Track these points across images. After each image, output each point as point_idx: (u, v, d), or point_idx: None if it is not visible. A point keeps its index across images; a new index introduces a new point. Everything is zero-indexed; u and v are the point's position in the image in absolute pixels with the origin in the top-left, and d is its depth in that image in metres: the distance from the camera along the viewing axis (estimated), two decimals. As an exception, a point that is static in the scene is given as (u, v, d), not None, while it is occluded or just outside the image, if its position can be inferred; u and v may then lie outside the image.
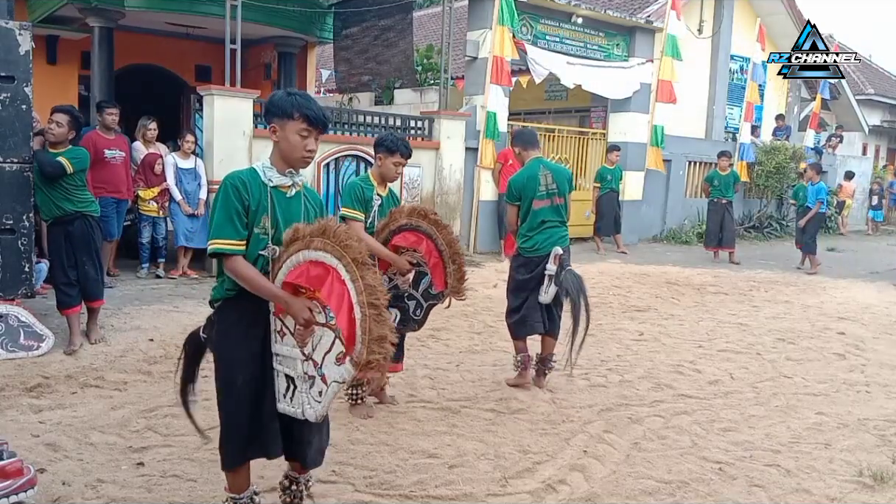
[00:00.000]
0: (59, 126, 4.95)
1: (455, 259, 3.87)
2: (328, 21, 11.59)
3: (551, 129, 12.51)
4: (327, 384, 2.35)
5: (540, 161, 4.79)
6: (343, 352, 2.30)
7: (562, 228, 4.73)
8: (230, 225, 2.43)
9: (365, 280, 2.26)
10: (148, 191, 7.48)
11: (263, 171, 2.54)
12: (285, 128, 2.52)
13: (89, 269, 5.12)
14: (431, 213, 3.88)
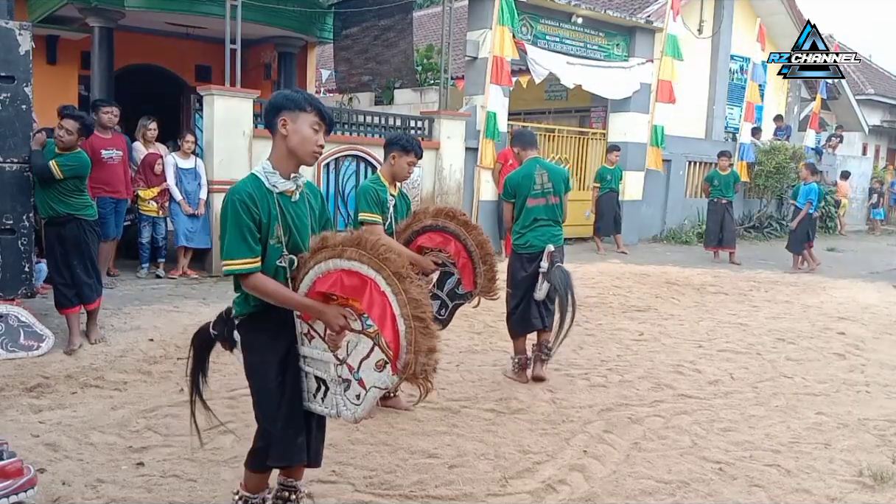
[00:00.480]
0: (70, 134, 4.93)
1: (486, 259, 3.86)
2: (328, 21, 11.59)
3: (551, 129, 12.51)
4: (366, 388, 2.40)
5: (537, 161, 4.91)
6: (384, 359, 2.35)
7: (555, 227, 4.84)
8: (243, 243, 2.36)
9: (409, 293, 2.28)
10: (148, 191, 7.47)
11: (266, 178, 2.45)
12: (297, 120, 2.45)
13: (81, 273, 5.07)
14: (460, 214, 3.87)
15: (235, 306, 2.57)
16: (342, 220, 8.98)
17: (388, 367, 2.33)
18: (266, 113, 2.52)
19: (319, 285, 2.40)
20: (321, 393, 2.51)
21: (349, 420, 2.50)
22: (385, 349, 2.34)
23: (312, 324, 2.48)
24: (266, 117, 2.53)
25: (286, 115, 2.45)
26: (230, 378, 4.55)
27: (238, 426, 3.78)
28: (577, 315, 5.93)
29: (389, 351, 2.32)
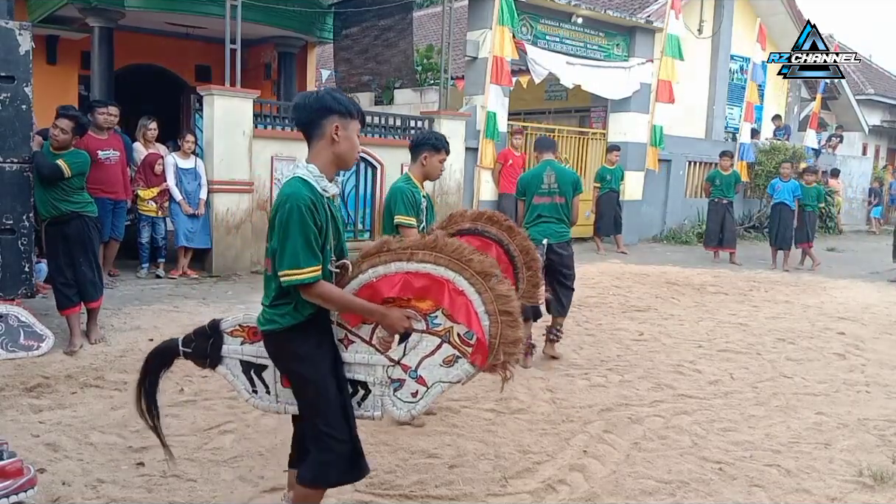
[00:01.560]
0: (64, 133, 4.94)
1: (530, 265, 3.81)
2: (328, 21, 11.58)
3: (551, 129, 12.51)
4: (428, 385, 2.51)
5: (548, 163, 5.29)
6: (455, 354, 2.48)
7: (557, 224, 5.17)
8: (310, 251, 2.27)
9: (495, 291, 2.42)
10: (147, 191, 7.47)
11: (317, 182, 2.35)
12: (348, 127, 2.40)
13: (86, 270, 5.10)
14: (503, 219, 3.80)
15: (278, 318, 2.40)
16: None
17: (461, 361, 2.48)
18: (311, 112, 2.38)
19: (387, 289, 2.44)
20: (357, 397, 2.56)
21: (402, 417, 2.60)
22: (458, 345, 2.46)
23: (356, 329, 2.51)
24: (310, 117, 2.38)
25: (338, 120, 2.38)
26: (230, 378, 4.55)
27: (238, 426, 3.79)
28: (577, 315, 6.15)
29: (465, 347, 2.45)
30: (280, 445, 3.55)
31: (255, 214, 8.17)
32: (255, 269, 8.18)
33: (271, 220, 2.35)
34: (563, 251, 5.19)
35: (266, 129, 8.25)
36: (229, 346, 2.67)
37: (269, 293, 2.43)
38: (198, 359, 2.68)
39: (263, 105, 8.43)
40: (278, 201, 2.31)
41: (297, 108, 2.44)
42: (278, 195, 2.35)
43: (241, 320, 2.65)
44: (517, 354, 2.46)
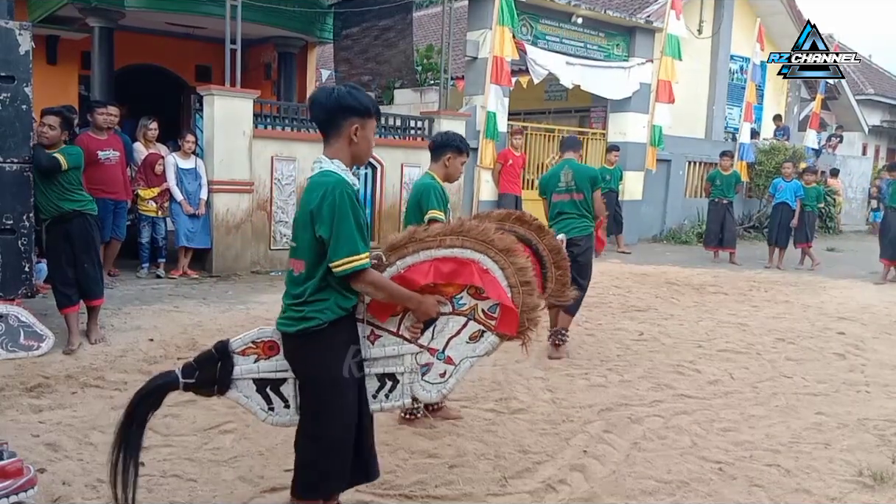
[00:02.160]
0: (52, 129, 4.93)
1: (560, 264, 3.80)
2: (328, 21, 11.59)
3: (551, 129, 12.52)
4: (455, 363, 2.65)
5: (567, 161, 5.50)
6: (480, 329, 2.65)
7: (577, 220, 5.36)
8: (361, 237, 2.29)
9: (516, 264, 2.64)
10: (148, 191, 7.48)
11: (346, 175, 2.38)
12: (366, 126, 2.42)
13: (89, 268, 5.12)
14: (532, 219, 3.80)
15: (317, 314, 2.35)
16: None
17: (487, 335, 2.67)
18: (330, 112, 2.39)
19: (412, 277, 2.53)
20: (385, 390, 2.60)
21: (433, 399, 2.72)
22: (483, 320, 2.64)
23: (382, 323, 2.55)
24: (329, 116, 2.39)
25: (358, 121, 2.40)
26: (230, 378, 4.55)
27: (238, 426, 3.79)
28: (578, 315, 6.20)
29: (490, 321, 2.64)
30: (280, 445, 3.55)
31: (256, 214, 8.17)
32: (254, 270, 8.18)
33: (312, 214, 2.29)
34: (580, 243, 5.33)
35: (266, 129, 8.25)
36: (242, 367, 2.50)
37: (302, 290, 2.36)
38: (203, 388, 2.49)
39: (263, 105, 8.43)
40: (322, 191, 2.29)
41: (316, 105, 2.42)
42: (316, 187, 2.32)
43: (254, 336, 2.52)
44: (538, 319, 2.70)
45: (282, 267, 8.38)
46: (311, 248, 2.33)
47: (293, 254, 2.41)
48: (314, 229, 2.30)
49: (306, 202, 2.34)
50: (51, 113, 5.00)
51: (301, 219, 2.36)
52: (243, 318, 6.04)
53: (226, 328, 5.68)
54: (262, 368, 2.52)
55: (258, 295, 7.05)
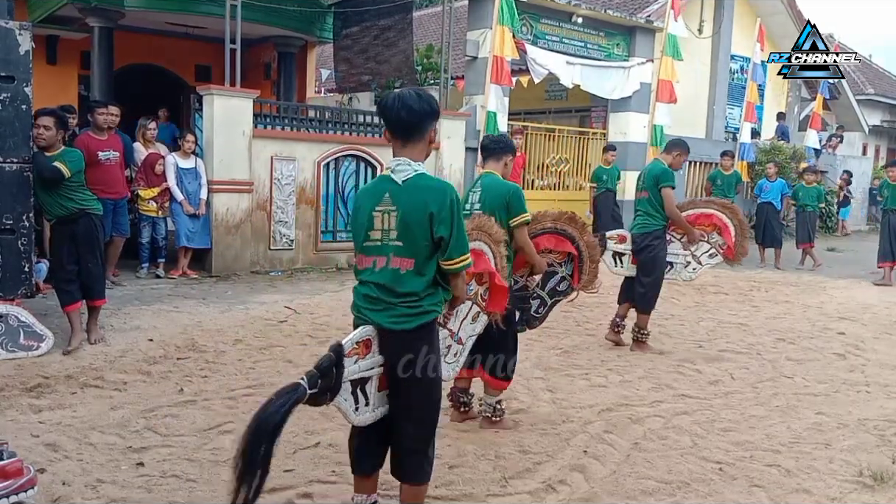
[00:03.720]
0: (48, 129, 4.91)
1: (593, 258, 4.47)
2: (328, 21, 11.59)
3: (551, 129, 12.51)
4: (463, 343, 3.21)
5: (652, 161, 6.04)
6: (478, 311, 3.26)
7: (642, 217, 5.65)
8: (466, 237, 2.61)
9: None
10: (148, 191, 7.47)
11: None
12: (437, 128, 2.65)
13: (93, 267, 5.14)
14: (578, 218, 4.44)
15: (434, 307, 2.52)
16: (342, 220, 8.98)
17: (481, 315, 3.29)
18: (421, 116, 2.49)
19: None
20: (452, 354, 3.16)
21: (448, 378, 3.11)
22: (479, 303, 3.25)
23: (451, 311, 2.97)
24: (419, 120, 2.50)
25: (435, 124, 2.58)
26: (230, 378, 4.55)
27: (238, 426, 3.78)
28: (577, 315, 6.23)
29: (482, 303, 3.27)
30: (280, 445, 3.53)
31: (255, 214, 8.17)
32: (254, 270, 8.18)
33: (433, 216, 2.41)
34: (638, 241, 5.62)
35: (266, 128, 8.25)
36: (348, 369, 2.46)
37: (416, 287, 2.46)
38: (321, 396, 2.36)
39: (263, 105, 8.43)
40: (442, 195, 2.44)
41: (407, 110, 2.46)
42: (431, 190, 2.46)
43: (357, 337, 2.48)
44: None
45: (281, 267, 8.39)
46: (425, 247, 2.45)
47: (398, 252, 2.46)
48: (432, 230, 2.43)
49: (422, 203, 2.43)
50: (45, 114, 4.98)
51: (414, 219, 2.43)
52: (243, 318, 6.04)
53: (225, 328, 5.68)
54: (361, 368, 2.51)
55: (258, 295, 7.05)
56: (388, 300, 2.47)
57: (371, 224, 2.49)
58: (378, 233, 2.48)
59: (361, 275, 2.55)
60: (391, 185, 2.47)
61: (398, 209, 2.43)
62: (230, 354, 5.04)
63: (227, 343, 5.30)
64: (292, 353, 5.14)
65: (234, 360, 4.93)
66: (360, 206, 2.56)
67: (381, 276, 2.48)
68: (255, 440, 2.16)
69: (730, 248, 5.75)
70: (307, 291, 7.36)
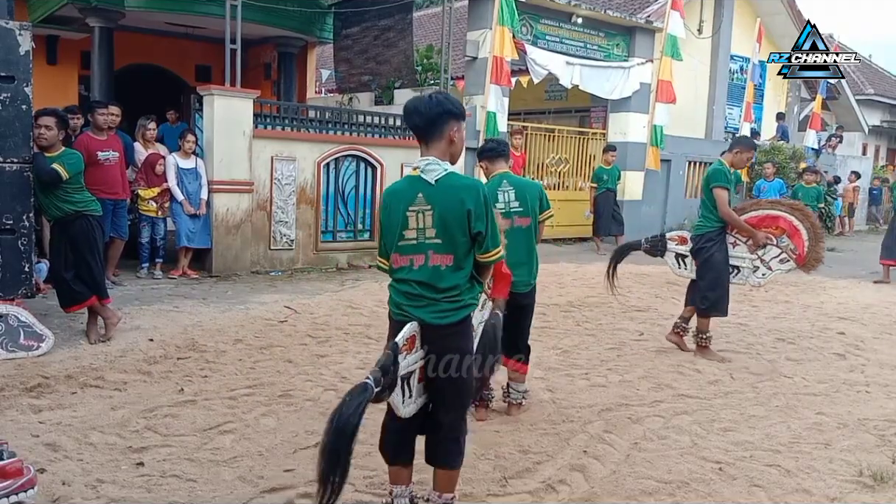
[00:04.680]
0: (49, 129, 4.93)
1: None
2: (328, 21, 11.59)
3: (551, 129, 12.52)
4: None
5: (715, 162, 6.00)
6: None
7: (699, 218, 5.71)
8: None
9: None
10: (148, 191, 7.47)
11: None
12: (461, 128, 2.64)
13: (94, 268, 5.17)
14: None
15: (473, 300, 2.66)
16: (342, 220, 8.98)
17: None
18: (430, 117, 2.56)
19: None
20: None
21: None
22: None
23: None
24: (430, 121, 2.57)
25: (455, 123, 2.61)
26: (230, 378, 4.55)
27: (238, 426, 3.78)
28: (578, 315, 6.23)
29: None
30: (280, 445, 3.55)
31: (255, 214, 8.17)
32: (254, 270, 8.18)
33: (471, 212, 2.51)
34: (693, 242, 5.69)
35: (266, 129, 8.24)
36: (401, 364, 2.52)
37: (457, 282, 2.57)
38: (383, 393, 2.40)
39: (263, 105, 8.43)
40: (475, 192, 2.53)
41: (415, 114, 2.58)
42: (463, 188, 2.53)
43: (408, 333, 2.55)
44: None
45: (281, 267, 8.39)
46: (463, 243, 2.55)
47: (437, 249, 2.55)
48: (470, 226, 2.53)
49: (458, 201, 2.51)
50: (46, 114, 4.99)
51: (453, 216, 2.52)
52: (243, 318, 6.04)
53: (225, 328, 5.68)
54: (409, 363, 2.57)
55: (258, 295, 7.05)
56: (430, 296, 2.56)
57: (406, 224, 2.55)
58: (413, 232, 2.55)
59: (398, 273, 2.62)
60: (423, 185, 2.54)
61: (434, 208, 2.51)
62: (230, 354, 5.04)
63: (227, 343, 5.30)
64: (292, 353, 5.14)
65: (234, 360, 4.93)
66: (390, 206, 2.61)
67: (421, 273, 2.57)
68: (337, 443, 2.20)
69: (800, 254, 5.50)
70: (307, 291, 7.36)
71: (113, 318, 5.31)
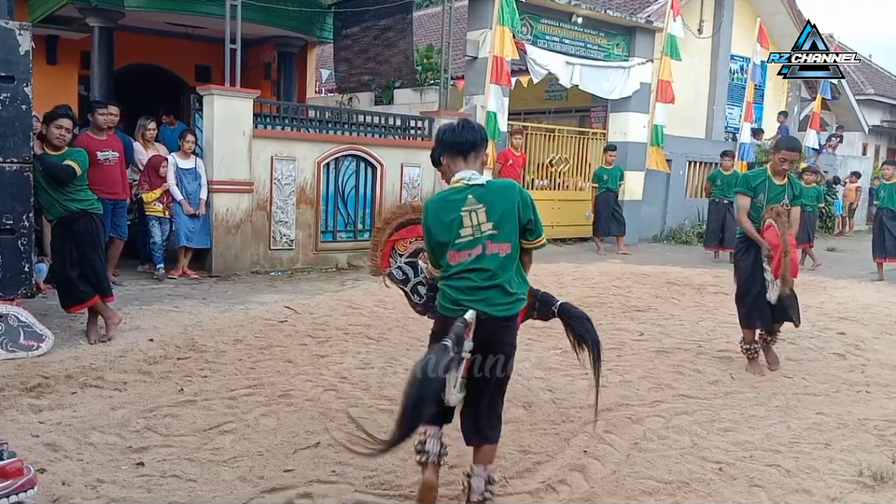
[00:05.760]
0: (69, 132, 5.07)
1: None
2: (328, 21, 11.59)
3: (551, 129, 12.52)
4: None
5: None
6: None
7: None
8: None
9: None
10: (150, 193, 7.47)
11: None
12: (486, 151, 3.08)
13: (98, 266, 5.20)
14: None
15: (522, 296, 2.88)
16: (342, 220, 8.98)
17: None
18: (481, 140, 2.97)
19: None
20: None
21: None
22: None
23: None
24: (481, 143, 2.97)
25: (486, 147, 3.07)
26: (230, 378, 4.55)
27: (238, 426, 3.78)
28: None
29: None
30: (280, 445, 3.55)
31: (255, 214, 8.17)
32: (254, 270, 8.18)
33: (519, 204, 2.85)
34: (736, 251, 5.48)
35: (266, 128, 8.25)
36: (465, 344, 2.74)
37: (516, 267, 2.88)
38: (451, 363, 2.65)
39: (263, 105, 8.43)
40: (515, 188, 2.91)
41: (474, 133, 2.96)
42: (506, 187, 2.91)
43: (469, 319, 2.74)
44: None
45: (281, 267, 8.39)
46: (516, 231, 2.85)
47: (494, 239, 2.81)
48: (520, 216, 2.85)
49: (509, 195, 2.86)
50: (64, 115, 5.06)
51: (507, 208, 2.84)
52: (243, 318, 6.04)
53: (225, 328, 5.68)
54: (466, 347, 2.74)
55: (258, 295, 7.05)
56: (490, 284, 2.79)
57: (461, 223, 2.82)
58: (469, 229, 2.81)
59: (456, 268, 2.83)
60: (473, 188, 2.84)
61: (487, 205, 2.81)
62: (230, 354, 5.04)
63: (227, 343, 5.30)
64: (292, 353, 5.14)
65: (234, 360, 4.93)
66: (440, 212, 2.86)
67: (479, 262, 2.80)
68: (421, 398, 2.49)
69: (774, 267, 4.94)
70: (307, 291, 7.36)
71: (114, 317, 5.33)
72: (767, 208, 5.07)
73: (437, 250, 2.89)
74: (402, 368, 4.63)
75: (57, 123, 5.00)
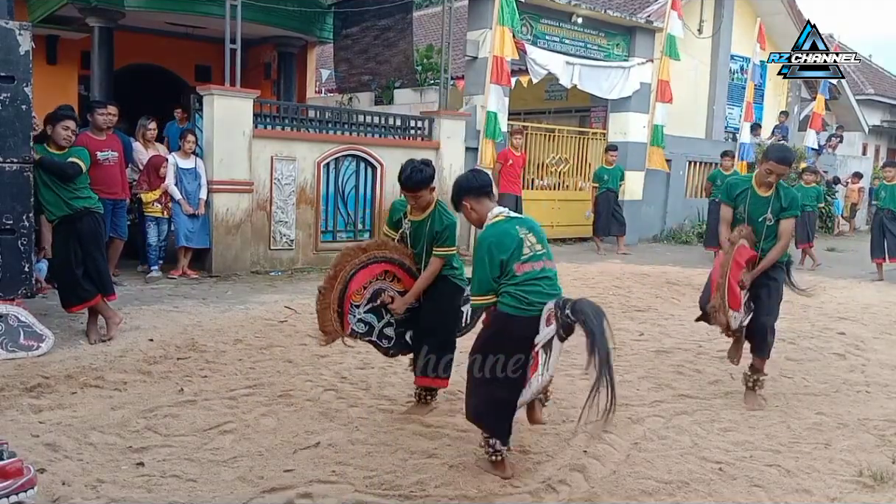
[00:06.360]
0: (74, 133, 5.13)
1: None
2: (328, 21, 11.60)
3: (551, 129, 12.52)
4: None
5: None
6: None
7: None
8: None
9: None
10: (150, 194, 7.46)
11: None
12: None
13: (101, 264, 5.22)
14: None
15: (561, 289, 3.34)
16: (342, 220, 8.98)
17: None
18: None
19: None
20: None
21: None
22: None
23: None
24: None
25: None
26: (230, 378, 4.55)
27: (238, 426, 3.79)
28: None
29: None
30: (280, 445, 3.55)
31: (255, 214, 8.17)
32: (254, 270, 8.18)
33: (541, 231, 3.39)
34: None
35: (266, 128, 8.25)
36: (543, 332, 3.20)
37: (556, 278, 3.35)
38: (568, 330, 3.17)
39: (263, 105, 8.43)
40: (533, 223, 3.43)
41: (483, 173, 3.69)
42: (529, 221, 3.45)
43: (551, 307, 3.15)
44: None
45: (281, 267, 8.39)
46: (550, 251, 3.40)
47: (546, 257, 3.33)
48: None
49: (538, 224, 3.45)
50: (68, 116, 5.11)
51: (542, 233, 3.40)
52: (243, 318, 6.04)
53: (225, 328, 5.68)
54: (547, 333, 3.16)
55: (258, 295, 7.05)
56: (552, 291, 3.26)
57: (522, 244, 3.29)
58: (528, 248, 3.30)
59: (526, 276, 3.25)
60: (515, 219, 3.40)
61: (531, 230, 3.35)
62: (230, 354, 5.04)
63: (227, 343, 5.30)
64: (292, 353, 5.14)
65: (234, 360, 4.93)
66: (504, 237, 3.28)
67: (544, 273, 3.29)
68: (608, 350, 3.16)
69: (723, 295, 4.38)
70: (307, 291, 7.36)
71: (115, 317, 5.34)
72: (738, 227, 4.55)
73: (493, 270, 3.26)
74: (401, 368, 4.62)
75: (64, 125, 5.05)
